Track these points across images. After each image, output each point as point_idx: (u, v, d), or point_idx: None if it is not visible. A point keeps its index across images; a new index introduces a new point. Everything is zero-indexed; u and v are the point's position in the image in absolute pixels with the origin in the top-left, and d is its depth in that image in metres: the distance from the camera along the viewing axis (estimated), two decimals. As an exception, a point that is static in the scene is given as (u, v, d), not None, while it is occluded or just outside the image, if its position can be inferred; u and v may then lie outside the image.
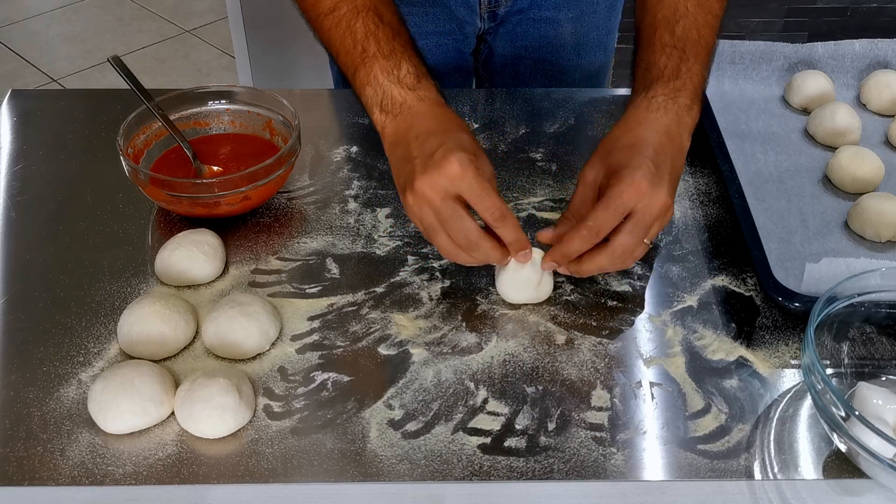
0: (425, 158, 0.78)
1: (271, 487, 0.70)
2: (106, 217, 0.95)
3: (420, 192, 0.78)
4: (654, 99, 0.84)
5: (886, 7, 2.42)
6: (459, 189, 0.77)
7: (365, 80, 0.85)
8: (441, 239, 0.80)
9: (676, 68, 0.86)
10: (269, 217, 0.96)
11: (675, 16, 0.89)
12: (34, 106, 1.14)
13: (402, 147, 0.82)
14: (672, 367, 0.79)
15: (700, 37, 0.89)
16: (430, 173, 0.77)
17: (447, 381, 0.78)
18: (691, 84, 0.86)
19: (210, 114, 1.03)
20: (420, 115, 0.83)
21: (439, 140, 0.79)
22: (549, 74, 1.27)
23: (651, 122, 0.83)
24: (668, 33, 0.88)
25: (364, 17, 0.87)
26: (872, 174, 0.97)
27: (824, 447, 0.73)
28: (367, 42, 0.86)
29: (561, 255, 0.81)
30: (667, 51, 0.87)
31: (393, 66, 0.84)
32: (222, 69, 3.10)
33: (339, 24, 0.87)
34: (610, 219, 0.79)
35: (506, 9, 1.20)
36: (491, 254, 0.80)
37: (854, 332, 0.80)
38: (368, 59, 0.85)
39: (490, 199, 0.78)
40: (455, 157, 0.77)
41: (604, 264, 0.81)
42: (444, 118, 0.83)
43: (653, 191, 0.78)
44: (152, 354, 0.79)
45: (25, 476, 0.70)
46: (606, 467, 0.71)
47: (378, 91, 0.84)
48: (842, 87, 1.14)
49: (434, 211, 0.78)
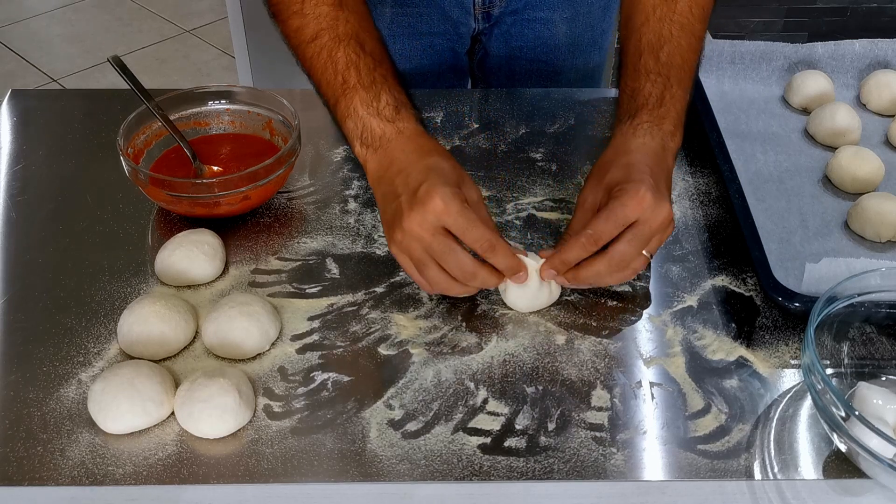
0: (410, 196, 0.78)
1: (271, 487, 0.70)
2: (106, 217, 0.95)
3: (409, 230, 0.78)
4: (639, 126, 0.86)
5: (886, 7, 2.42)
6: (446, 224, 0.77)
7: (345, 113, 0.85)
8: (432, 272, 0.79)
9: (661, 96, 0.87)
10: (269, 217, 0.96)
11: (659, 41, 0.90)
12: (34, 106, 1.14)
13: (386, 184, 0.82)
14: (672, 367, 0.79)
15: (684, 62, 0.90)
16: (416, 211, 0.77)
17: (447, 381, 0.78)
18: (674, 111, 0.87)
19: (210, 114, 1.03)
20: (400, 149, 0.83)
21: (422, 175, 0.79)
22: (544, 75, 1.27)
23: (640, 147, 0.84)
24: (652, 59, 0.89)
25: (346, 46, 0.86)
26: (872, 174, 0.97)
27: (824, 447, 0.73)
28: (348, 72, 0.85)
29: (560, 263, 0.81)
30: (651, 77, 0.88)
31: (372, 98, 0.84)
32: (222, 69, 3.10)
33: (321, 53, 0.87)
34: (611, 229, 0.79)
35: (500, 9, 1.20)
36: (488, 280, 0.80)
37: (854, 332, 0.80)
38: (349, 90, 0.85)
39: (477, 231, 0.78)
40: (438, 194, 0.77)
41: (601, 270, 0.81)
42: (424, 150, 0.83)
43: (656, 204, 0.79)
44: (152, 354, 0.79)
45: (25, 476, 0.70)
46: (606, 467, 0.71)
47: (358, 124, 0.85)
48: (842, 87, 1.14)
49: (425, 247, 0.78)
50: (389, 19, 1.19)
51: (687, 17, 0.91)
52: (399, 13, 1.19)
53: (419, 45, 1.22)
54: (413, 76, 1.19)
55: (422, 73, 1.23)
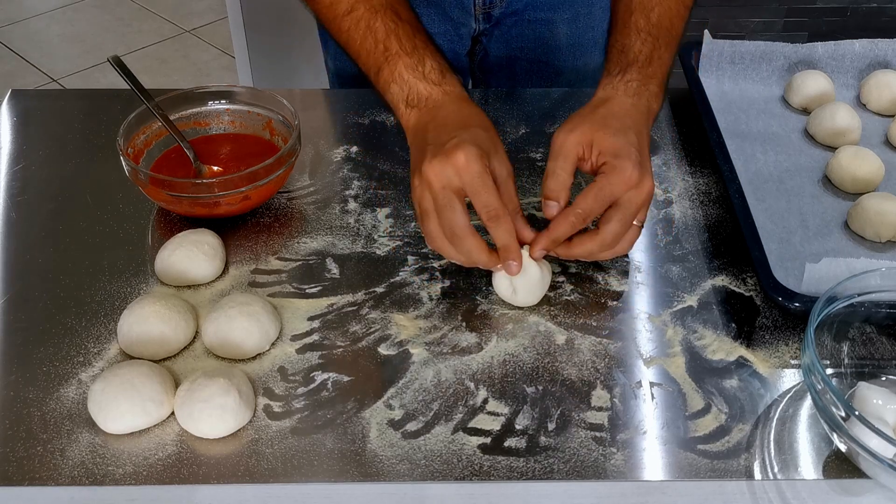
0: (437, 147, 0.80)
1: (271, 487, 0.70)
2: (106, 217, 0.95)
3: (425, 176, 0.79)
4: (629, 83, 0.87)
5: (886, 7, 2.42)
6: (462, 181, 0.78)
7: (390, 78, 0.87)
8: (431, 225, 0.81)
9: (650, 55, 0.88)
10: (269, 217, 0.96)
11: (650, 2, 0.92)
12: (34, 106, 1.14)
13: (421, 136, 0.84)
14: (672, 367, 0.79)
15: (672, 26, 0.92)
16: (437, 160, 0.79)
17: (447, 381, 0.78)
18: (661, 72, 0.89)
19: (210, 114, 1.03)
20: (443, 107, 0.85)
21: (457, 132, 0.81)
22: (544, 76, 1.27)
23: (631, 109, 0.85)
24: (643, 18, 0.91)
25: (383, 16, 0.88)
26: (872, 174, 0.97)
27: (824, 447, 0.73)
28: (389, 41, 0.87)
29: (549, 241, 0.82)
30: (641, 36, 0.90)
31: (417, 63, 0.86)
32: (222, 69, 3.10)
33: (359, 24, 0.89)
34: (598, 207, 0.81)
35: (500, 10, 1.20)
36: (474, 251, 0.80)
37: (854, 332, 0.80)
38: (392, 57, 0.86)
39: (488, 197, 0.79)
40: (463, 150, 0.78)
41: (593, 250, 0.83)
42: (466, 112, 0.85)
43: (640, 178, 0.81)
44: (152, 354, 0.79)
45: (25, 476, 0.70)
46: (606, 467, 0.71)
47: (404, 88, 0.86)
48: (842, 87, 1.14)
49: (433, 197, 0.80)
50: (390, 19, 1.19)
51: None
52: None
53: None
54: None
55: None
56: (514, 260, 0.81)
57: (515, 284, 0.83)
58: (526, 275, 0.82)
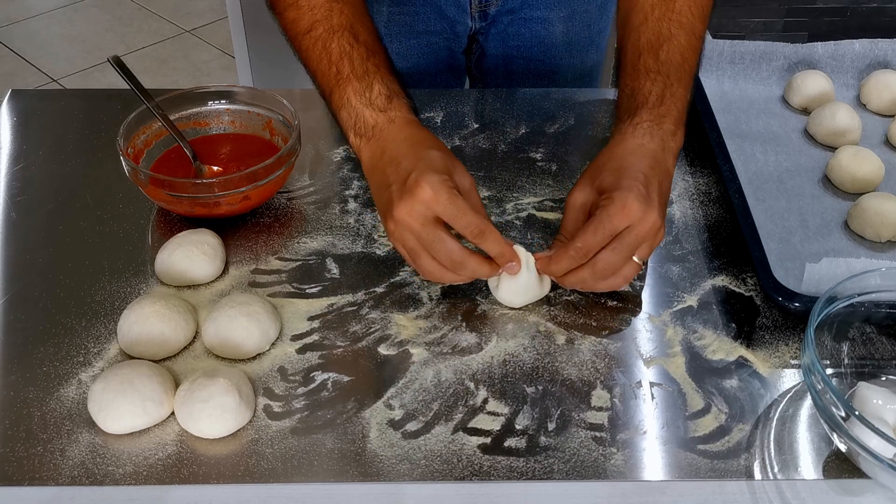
0: (400, 185, 0.79)
1: (271, 487, 0.70)
2: (106, 217, 0.95)
3: (400, 219, 0.78)
4: (639, 126, 0.85)
5: (886, 7, 2.42)
6: (436, 212, 0.77)
7: (339, 103, 0.86)
8: (425, 262, 0.80)
9: (661, 94, 0.86)
10: (269, 217, 0.96)
11: (658, 40, 0.89)
12: (34, 106, 1.14)
13: (378, 174, 0.83)
14: (672, 367, 0.79)
15: (684, 60, 0.89)
16: (406, 200, 0.77)
17: (447, 381, 0.78)
18: (675, 109, 0.86)
19: (210, 114, 1.03)
20: (391, 138, 0.83)
21: (412, 164, 0.79)
22: (541, 74, 1.27)
23: (638, 149, 0.83)
24: (652, 58, 0.88)
25: (339, 37, 0.87)
26: (872, 174, 0.97)
27: (824, 447, 0.73)
28: (342, 63, 0.86)
29: (549, 272, 0.82)
30: (651, 76, 0.87)
31: (365, 88, 0.85)
32: (222, 69, 3.10)
33: (316, 44, 0.88)
34: (599, 240, 0.79)
35: (496, 8, 1.20)
36: (479, 269, 0.80)
37: (854, 332, 0.80)
38: (342, 80, 0.86)
39: (466, 217, 0.78)
40: (426, 181, 0.77)
41: (585, 278, 0.80)
42: (414, 139, 0.83)
43: (644, 212, 0.78)
44: (152, 354, 0.79)
45: (25, 476, 0.70)
46: (606, 467, 0.71)
47: (351, 114, 0.85)
48: (842, 87, 1.14)
49: (415, 236, 0.79)
50: (386, 18, 1.19)
51: (686, 15, 0.90)
52: (396, 12, 1.19)
53: (416, 44, 1.22)
54: (410, 75, 1.19)
55: (419, 73, 1.23)
56: (512, 262, 0.81)
57: (515, 287, 0.83)
58: (525, 276, 0.82)
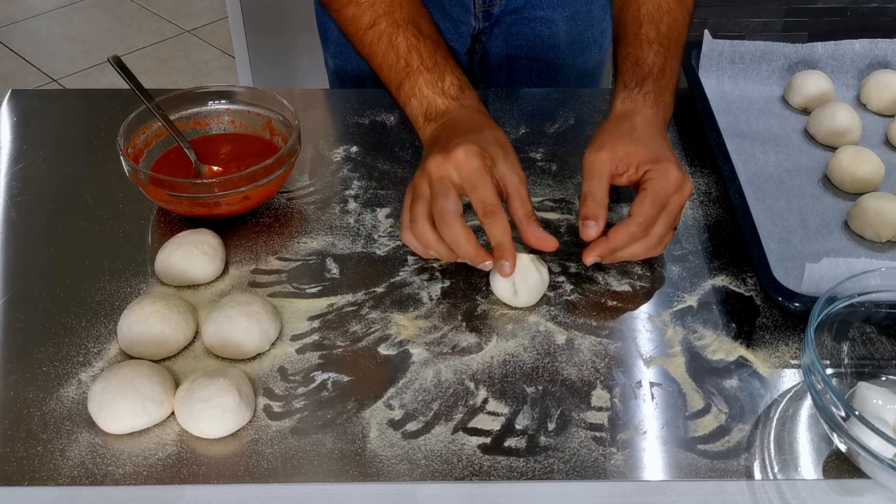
0: (443, 147, 0.82)
1: (271, 487, 0.70)
2: (106, 217, 0.95)
3: (426, 169, 0.82)
4: (647, 96, 0.89)
5: (886, 7, 2.42)
6: (461, 176, 0.80)
7: (410, 93, 0.90)
8: (419, 207, 0.81)
9: (662, 67, 0.90)
10: (269, 217, 0.96)
11: (658, 12, 0.93)
12: (34, 106, 1.14)
13: (433, 141, 0.86)
14: (672, 367, 0.79)
15: (679, 36, 0.94)
16: (439, 157, 0.81)
17: (447, 381, 0.78)
18: (673, 83, 0.91)
19: (210, 114, 1.03)
20: (460, 119, 0.87)
21: (464, 136, 0.83)
22: (544, 74, 1.28)
23: (653, 118, 0.88)
24: (653, 30, 0.92)
25: (405, 31, 0.91)
26: (872, 174, 0.97)
27: (824, 447, 0.73)
28: (410, 56, 0.90)
29: (608, 250, 0.83)
30: (654, 48, 0.91)
31: (437, 79, 0.89)
32: (222, 69, 3.10)
33: (381, 39, 0.91)
34: (655, 213, 0.82)
35: (500, 8, 1.20)
36: (462, 241, 0.80)
37: (854, 332, 0.80)
38: (413, 72, 0.89)
39: (484, 192, 0.80)
40: (463, 148, 0.80)
41: (638, 252, 0.84)
42: (479, 122, 0.87)
43: (683, 180, 0.83)
44: (152, 354, 0.79)
45: (25, 476, 0.70)
46: (606, 467, 0.71)
47: (423, 102, 0.89)
48: (842, 87, 1.14)
49: (430, 184, 0.81)
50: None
51: None
52: None
53: None
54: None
55: None
56: (507, 260, 0.80)
57: (516, 286, 0.83)
58: (525, 276, 0.82)
